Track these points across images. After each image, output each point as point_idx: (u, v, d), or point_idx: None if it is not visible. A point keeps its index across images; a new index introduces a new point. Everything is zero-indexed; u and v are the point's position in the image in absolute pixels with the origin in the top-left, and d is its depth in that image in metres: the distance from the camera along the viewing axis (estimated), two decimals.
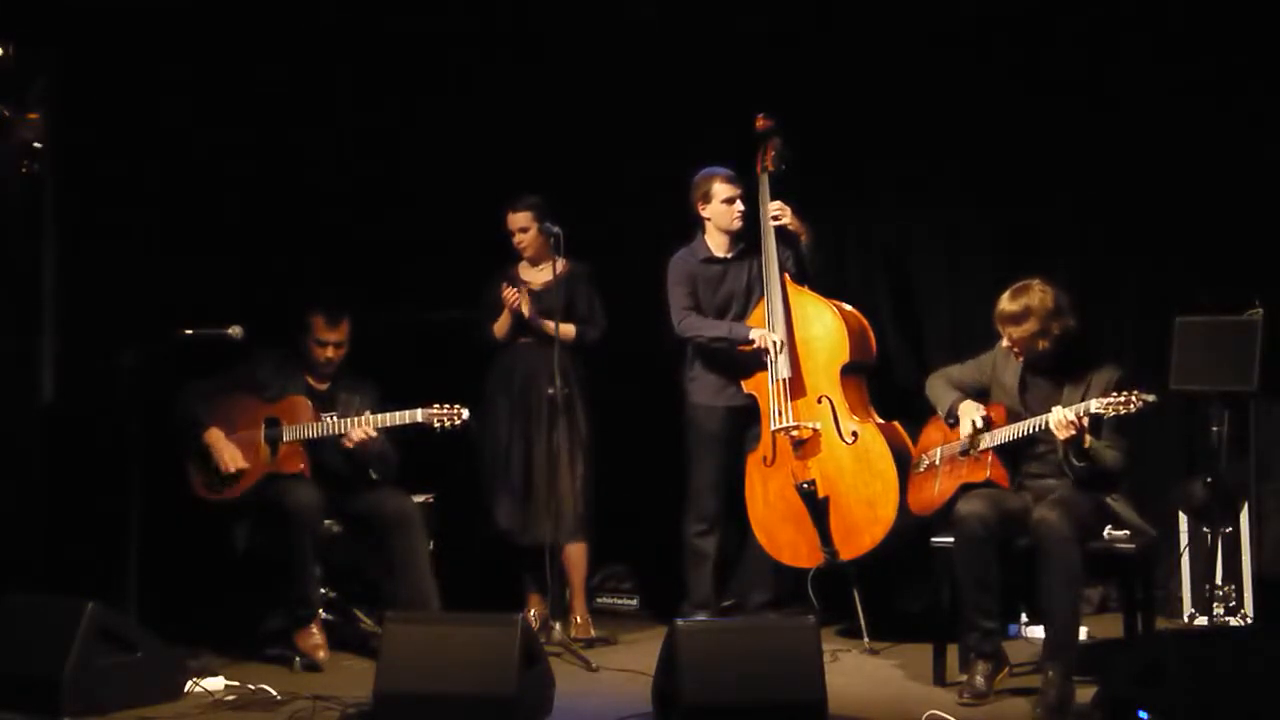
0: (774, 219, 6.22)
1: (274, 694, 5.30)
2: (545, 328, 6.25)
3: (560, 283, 6.28)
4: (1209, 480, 6.07)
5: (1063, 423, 5.18)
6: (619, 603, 6.94)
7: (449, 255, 6.83)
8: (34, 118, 6.14)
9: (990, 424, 5.50)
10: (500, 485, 6.40)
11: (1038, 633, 5.76)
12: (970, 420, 5.49)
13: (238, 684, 5.43)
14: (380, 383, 6.16)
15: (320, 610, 5.93)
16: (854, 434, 6.05)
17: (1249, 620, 6.09)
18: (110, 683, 5.07)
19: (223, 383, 6.03)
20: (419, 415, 5.82)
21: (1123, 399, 5.09)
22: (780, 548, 6.18)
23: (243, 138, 6.75)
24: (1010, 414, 5.48)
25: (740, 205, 6.28)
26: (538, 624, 6.09)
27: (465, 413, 5.82)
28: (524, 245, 6.43)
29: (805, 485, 6.04)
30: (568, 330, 6.32)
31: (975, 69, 6.61)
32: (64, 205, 6.45)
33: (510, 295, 6.31)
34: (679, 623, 4.91)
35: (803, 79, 6.68)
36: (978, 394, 5.61)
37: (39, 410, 6.41)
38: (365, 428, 5.85)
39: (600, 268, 6.48)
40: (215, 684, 5.40)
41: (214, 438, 5.91)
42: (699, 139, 6.58)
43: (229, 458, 5.89)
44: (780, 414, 6.11)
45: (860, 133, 6.72)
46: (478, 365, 6.50)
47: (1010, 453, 5.47)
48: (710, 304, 6.31)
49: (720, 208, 6.29)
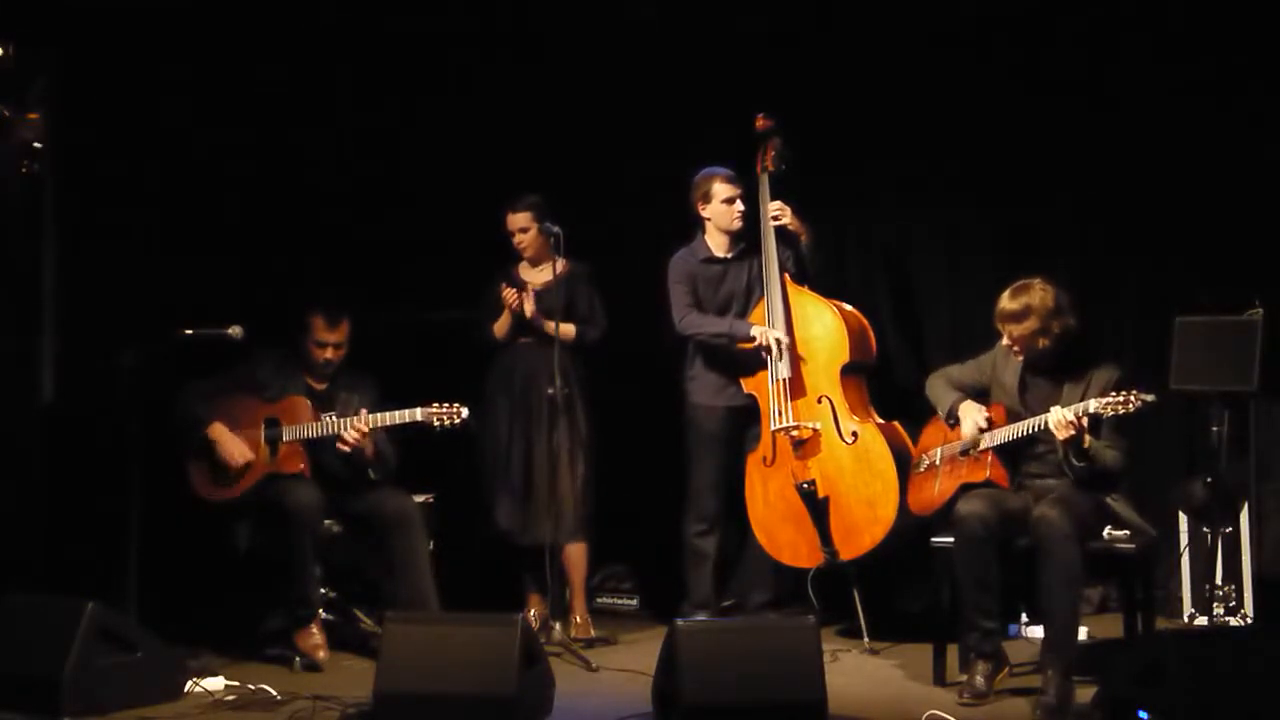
0: (774, 219, 6.22)
1: (274, 694, 5.30)
2: (545, 328, 6.26)
3: (560, 283, 6.28)
4: (1209, 480, 6.07)
5: (1062, 423, 5.18)
6: (619, 603, 6.93)
7: (449, 255, 6.83)
8: (34, 118, 6.14)
9: (991, 424, 5.50)
10: (500, 485, 6.40)
11: (1038, 633, 5.76)
12: (974, 423, 5.48)
13: (238, 684, 5.43)
14: (380, 382, 6.15)
15: (320, 610, 5.93)
16: (854, 434, 6.05)
17: (1249, 620, 6.09)
18: (110, 683, 5.07)
19: (223, 383, 6.02)
20: (418, 414, 5.82)
21: (1122, 399, 5.09)
22: (780, 548, 6.18)
23: (243, 138, 6.75)
24: (1010, 414, 5.48)
25: (740, 205, 6.28)
26: (538, 624, 6.09)
27: (465, 411, 5.82)
28: (524, 245, 6.43)
29: (805, 485, 6.04)
30: (568, 330, 6.32)
31: (975, 69, 6.61)
32: (64, 205, 6.45)
33: (510, 295, 6.31)
34: (679, 623, 4.91)
35: (803, 79, 6.68)
36: (977, 394, 5.61)
37: (39, 410, 6.41)
38: (358, 429, 5.84)
39: (600, 268, 6.48)
40: (215, 684, 5.40)
41: (218, 432, 5.91)
42: (699, 139, 6.57)
43: (236, 451, 5.89)
44: (780, 414, 6.11)
45: (860, 133, 6.72)
46: (478, 365, 6.50)
47: (1010, 453, 5.47)
48: (710, 304, 6.30)
49: (720, 208, 6.28)
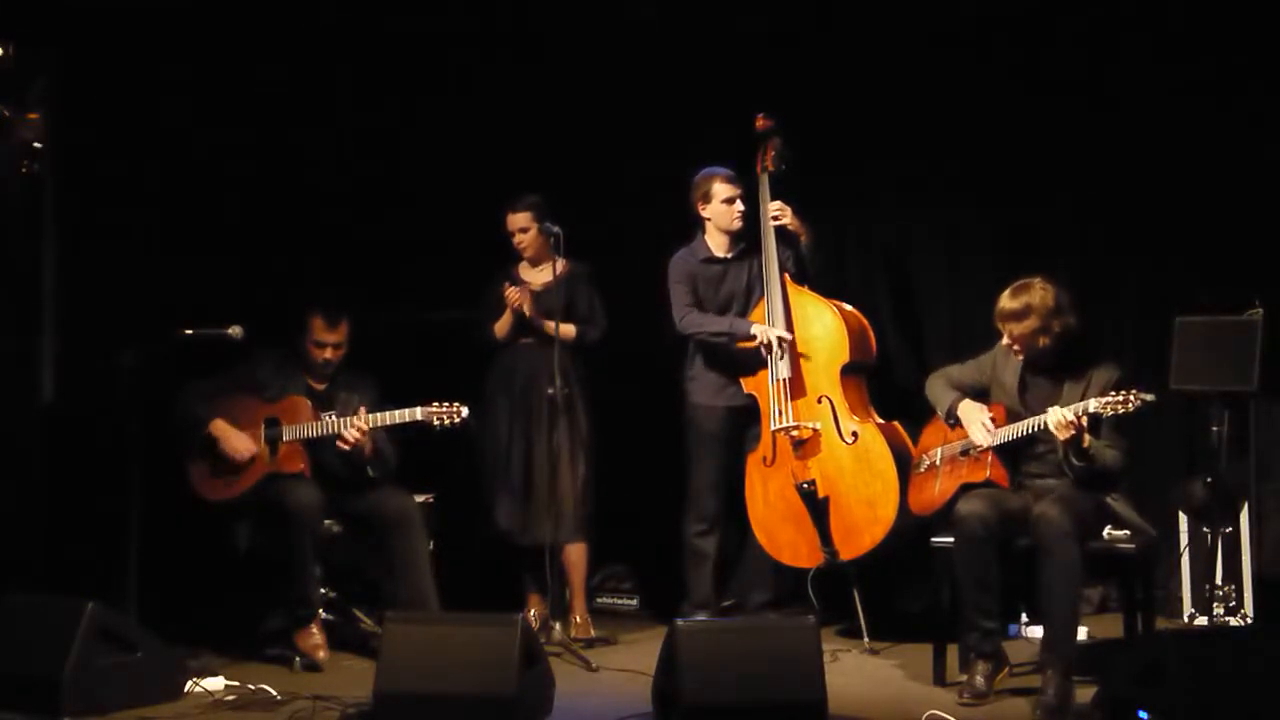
0: (774, 219, 6.22)
1: (274, 694, 5.30)
2: (545, 328, 6.26)
3: (560, 283, 6.28)
4: (1209, 480, 6.07)
5: (1061, 423, 5.17)
6: (619, 603, 6.93)
7: (449, 255, 6.83)
8: (34, 118, 6.14)
9: (992, 423, 5.49)
10: (500, 485, 6.40)
11: (1038, 633, 5.75)
12: (981, 425, 5.47)
13: (238, 684, 5.43)
14: (380, 382, 6.15)
15: (320, 610, 5.93)
16: (854, 434, 6.05)
17: (1249, 620, 6.09)
18: (110, 683, 5.06)
19: (223, 383, 6.02)
20: (418, 413, 5.82)
21: (1121, 398, 5.09)
22: (780, 548, 6.18)
23: (243, 138, 6.75)
24: (1010, 414, 5.47)
25: (740, 205, 6.28)
26: (538, 624, 6.09)
27: (465, 411, 5.81)
28: (524, 245, 6.43)
29: (805, 485, 6.04)
30: (568, 330, 6.32)
31: (975, 69, 6.61)
32: (64, 205, 6.45)
33: (513, 294, 6.31)
34: (679, 623, 4.91)
35: (803, 79, 6.68)
36: (977, 394, 5.60)
37: (39, 410, 6.41)
38: (357, 428, 5.84)
39: (600, 268, 6.48)
40: (215, 684, 5.40)
41: (219, 428, 5.91)
42: (699, 139, 6.57)
43: (240, 444, 5.89)
44: (780, 414, 6.11)
45: (860, 133, 6.72)
46: (478, 365, 6.50)
47: (1010, 453, 5.47)
48: (711, 304, 6.30)
49: (720, 208, 6.28)
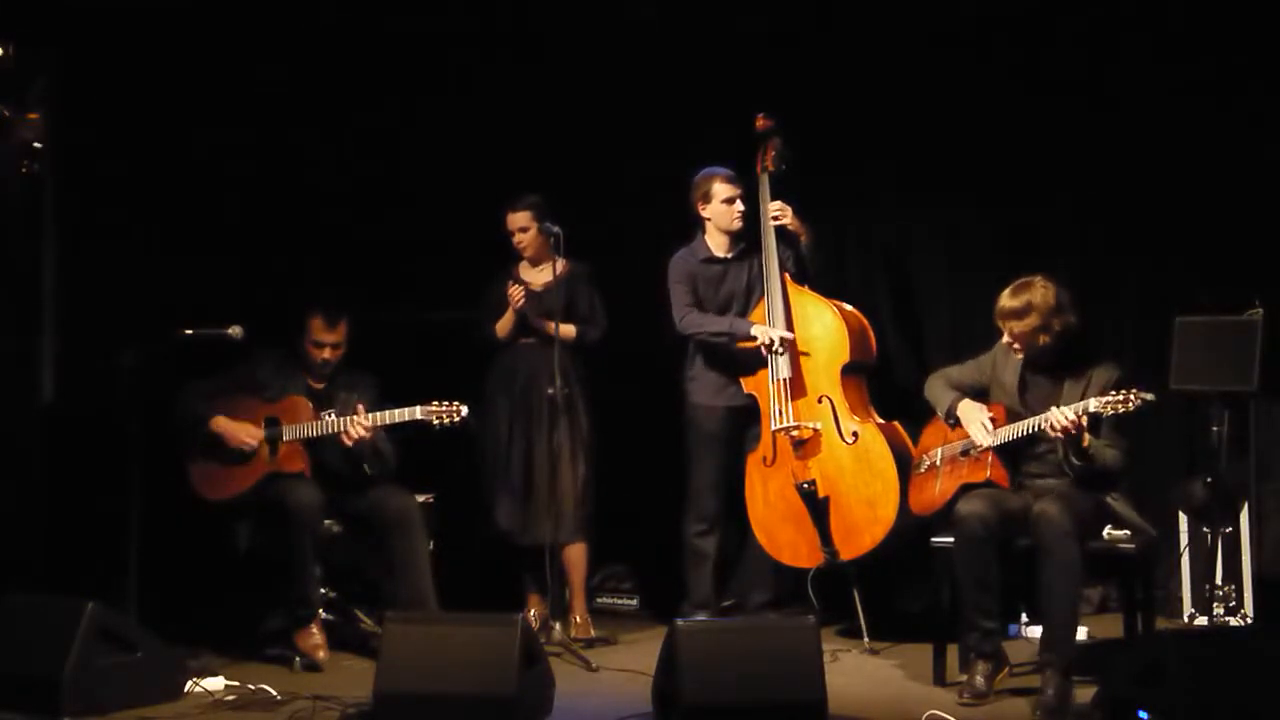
0: (774, 219, 6.22)
1: (274, 694, 5.30)
2: (545, 328, 6.26)
3: (560, 283, 6.28)
4: (1209, 480, 6.07)
5: (1060, 423, 5.17)
6: (619, 603, 6.93)
7: (449, 255, 6.83)
8: (34, 118, 6.15)
9: (993, 424, 5.49)
10: (500, 485, 6.40)
11: (1038, 633, 5.74)
12: (981, 425, 5.47)
13: (238, 684, 5.43)
14: (380, 381, 6.14)
15: (320, 610, 5.93)
16: (854, 434, 6.05)
17: (1249, 620, 6.09)
18: (110, 683, 5.06)
19: (223, 383, 6.02)
20: (418, 412, 5.81)
21: (1121, 398, 5.09)
22: (780, 548, 6.18)
23: (243, 138, 6.75)
24: (1010, 413, 5.47)
25: (740, 205, 6.27)
26: (538, 624, 6.09)
27: (464, 410, 5.81)
28: (524, 245, 6.43)
29: (805, 485, 6.04)
30: (568, 330, 6.32)
31: (975, 69, 6.60)
32: (64, 205, 6.46)
33: (516, 293, 6.31)
34: (679, 623, 4.91)
35: (803, 79, 6.68)
36: (977, 394, 5.60)
37: (39, 410, 6.42)
38: (360, 425, 5.84)
39: (600, 268, 6.48)
40: (215, 684, 5.40)
41: (220, 424, 5.91)
42: (699, 139, 6.57)
43: (244, 433, 5.89)
44: (780, 414, 6.11)
45: (860, 133, 6.72)
46: (478, 365, 6.50)
47: (1010, 453, 5.47)
48: (711, 304, 6.30)
49: (720, 208, 6.28)
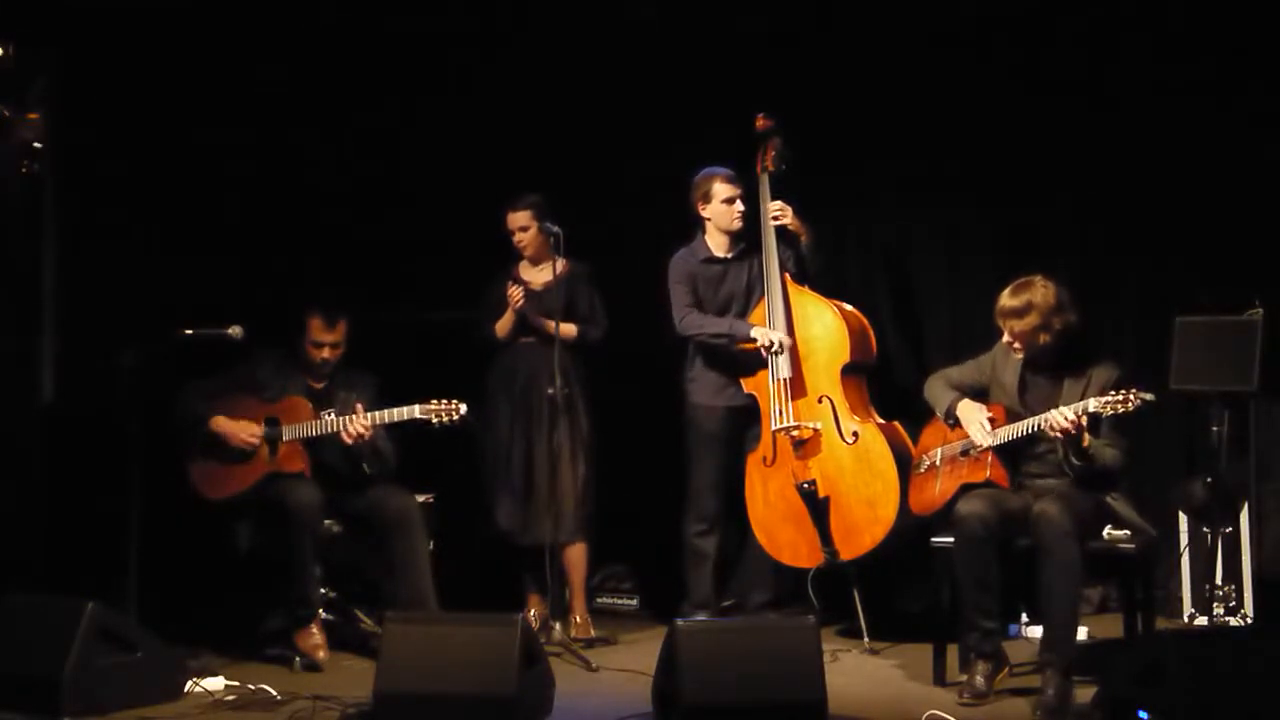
0: (774, 219, 6.22)
1: (274, 694, 5.30)
2: (545, 327, 6.26)
3: (560, 283, 6.28)
4: (1209, 480, 6.07)
5: (1060, 422, 5.17)
6: (619, 603, 6.93)
7: (449, 255, 6.83)
8: (34, 118, 6.15)
9: (993, 424, 5.49)
10: (501, 485, 6.40)
11: (1038, 633, 5.75)
12: (980, 425, 5.47)
13: (238, 684, 5.43)
14: (380, 380, 6.13)
15: (320, 610, 5.93)
16: (854, 434, 6.05)
17: (1249, 620, 6.09)
18: (110, 683, 5.06)
19: (223, 383, 6.02)
20: (416, 411, 5.81)
21: (1121, 398, 5.09)
22: (780, 548, 6.18)
23: (243, 138, 6.75)
24: (1010, 414, 5.47)
25: (740, 205, 6.27)
26: (538, 624, 6.09)
27: (463, 408, 5.80)
28: (524, 244, 6.43)
29: (806, 485, 6.04)
30: (569, 330, 6.32)
31: (975, 69, 6.60)
32: (64, 205, 6.46)
33: (515, 294, 6.31)
34: (679, 623, 4.90)
35: (803, 79, 6.68)
36: (977, 394, 5.60)
37: (39, 410, 6.42)
38: (359, 423, 5.84)
39: (600, 268, 6.48)
40: (215, 684, 5.40)
41: (220, 424, 5.91)
42: (699, 139, 6.57)
43: (244, 432, 5.89)
44: (781, 414, 6.11)
45: (860, 133, 6.72)
46: (478, 365, 6.50)
47: (1010, 453, 5.47)
48: (711, 304, 6.30)
49: (720, 208, 6.28)
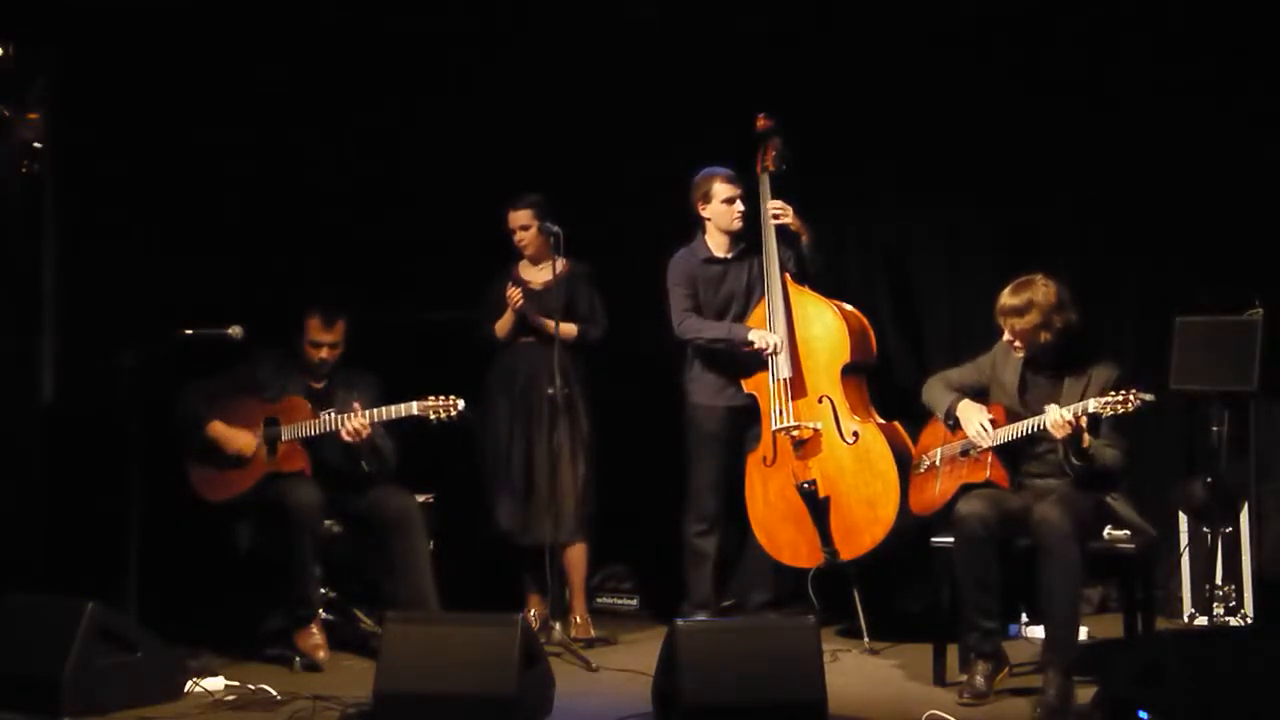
0: (775, 219, 6.22)
1: (274, 694, 5.30)
2: (545, 327, 6.26)
3: (560, 282, 6.27)
4: (1209, 480, 6.07)
5: (1059, 423, 5.17)
6: (619, 603, 6.93)
7: (449, 255, 6.83)
8: (34, 118, 6.15)
9: (993, 424, 5.49)
10: (501, 485, 6.40)
11: (1038, 633, 5.76)
12: (979, 425, 5.47)
13: (238, 684, 5.43)
14: (380, 380, 6.13)
15: (320, 610, 5.93)
16: (855, 434, 6.05)
17: (1249, 620, 6.09)
18: (110, 683, 5.07)
19: (223, 383, 6.02)
20: (414, 407, 5.81)
21: (1121, 398, 5.09)
22: (780, 548, 6.18)
23: (243, 138, 6.75)
24: (1010, 414, 5.47)
25: (740, 205, 6.27)
26: (538, 624, 6.09)
27: (460, 404, 5.79)
28: (524, 243, 6.42)
29: (806, 485, 6.04)
30: (569, 330, 6.32)
31: (975, 69, 6.60)
32: (64, 205, 6.46)
33: (514, 294, 6.31)
34: (679, 623, 4.91)
35: (803, 79, 6.68)
36: (976, 395, 5.60)
37: (39, 410, 6.42)
38: (357, 420, 5.84)
39: (600, 268, 6.48)
40: (215, 684, 5.40)
41: (217, 430, 5.91)
42: (699, 139, 6.57)
43: (240, 440, 5.90)
44: (781, 414, 6.11)
45: (860, 133, 6.72)
46: (478, 365, 6.50)
47: (1010, 453, 5.47)
48: (711, 304, 6.30)
49: (720, 208, 6.28)
